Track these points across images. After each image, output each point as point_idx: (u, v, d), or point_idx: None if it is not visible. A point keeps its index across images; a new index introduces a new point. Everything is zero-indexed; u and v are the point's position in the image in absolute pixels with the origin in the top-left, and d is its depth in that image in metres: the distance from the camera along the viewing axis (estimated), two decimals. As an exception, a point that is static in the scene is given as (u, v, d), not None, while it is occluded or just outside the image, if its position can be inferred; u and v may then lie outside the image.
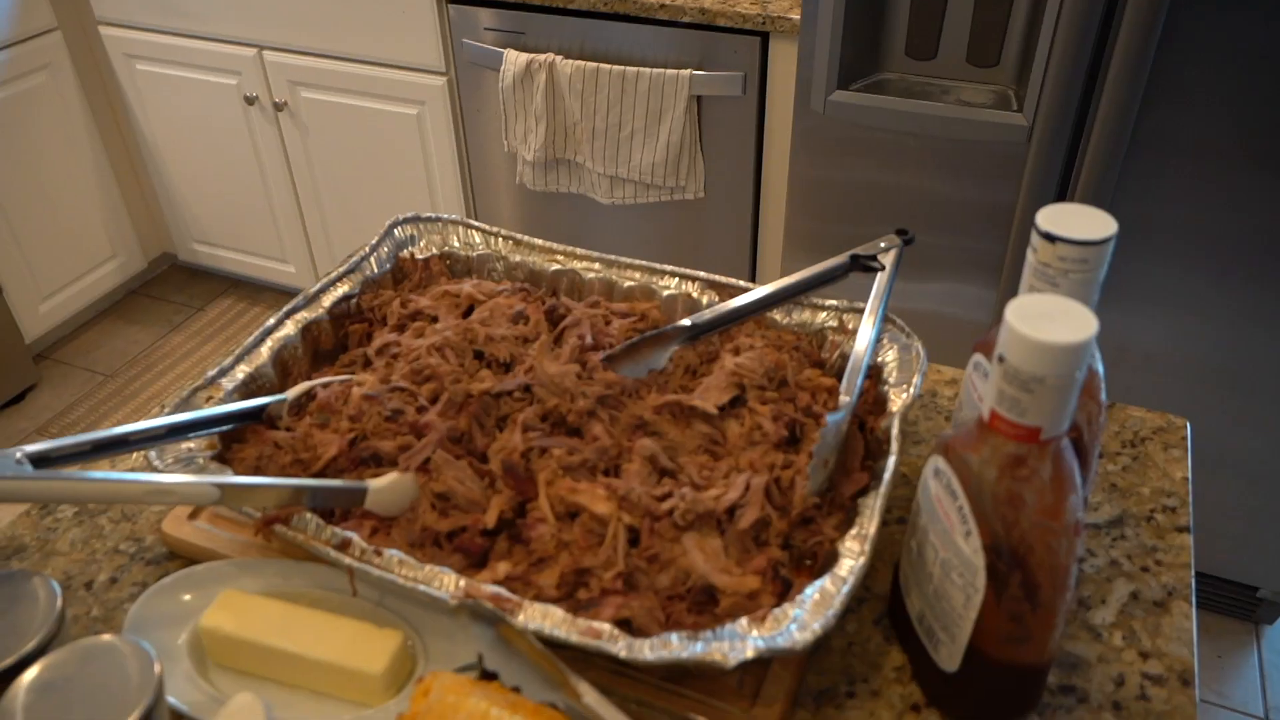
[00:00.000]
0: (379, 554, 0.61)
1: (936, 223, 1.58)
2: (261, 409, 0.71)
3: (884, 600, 0.68)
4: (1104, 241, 0.55)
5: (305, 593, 0.65)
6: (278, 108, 2.23)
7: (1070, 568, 0.54)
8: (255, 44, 2.18)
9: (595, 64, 1.82)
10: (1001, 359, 0.50)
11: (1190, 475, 0.77)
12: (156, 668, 0.47)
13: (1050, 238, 0.56)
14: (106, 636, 0.48)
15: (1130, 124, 1.38)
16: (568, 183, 2.00)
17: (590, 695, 0.49)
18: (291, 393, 0.72)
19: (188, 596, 0.64)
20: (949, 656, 0.59)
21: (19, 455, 0.56)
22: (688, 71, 1.79)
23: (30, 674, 0.46)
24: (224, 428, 0.69)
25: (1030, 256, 0.58)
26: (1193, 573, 0.70)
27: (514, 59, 1.86)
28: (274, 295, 2.73)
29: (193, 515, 0.72)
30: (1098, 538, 0.72)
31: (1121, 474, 0.78)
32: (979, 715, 0.61)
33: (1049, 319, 0.49)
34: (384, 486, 0.65)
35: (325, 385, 0.73)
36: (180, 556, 0.72)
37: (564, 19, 1.84)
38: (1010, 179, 1.49)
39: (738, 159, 1.88)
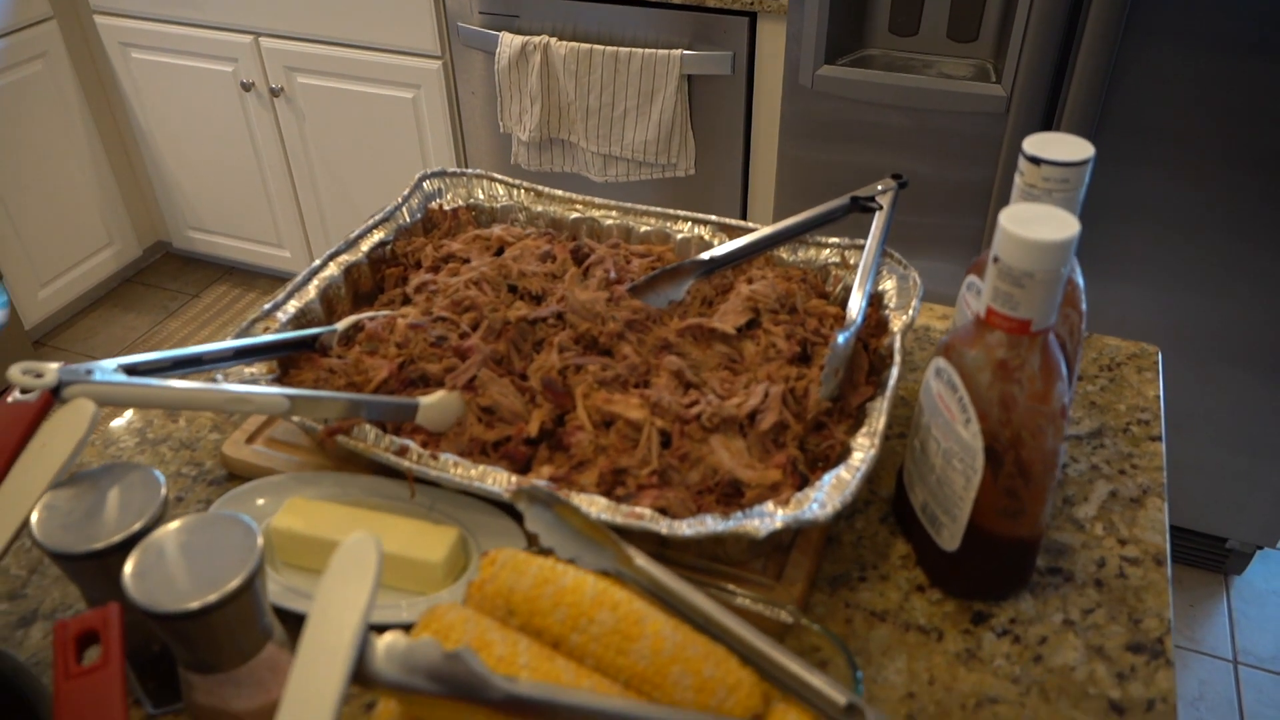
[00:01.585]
0: (435, 458, 0.67)
1: (918, 196, 1.66)
2: (315, 338, 0.77)
3: (888, 502, 0.75)
4: (1083, 163, 0.62)
5: (362, 501, 0.71)
6: (274, 94, 2.27)
7: (1057, 448, 0.61)
8: (251, 30, 2.22)
9: (589, 45, 1.88)
10: (996, 259, 0.57)
11: (1162, 394, 0.85)
12: (259, 537, 0.52)
13: (1036, 160, 0.63)
14: (213, 513, 0.54)
15: (1102, 95, 1.46)
16: (562, 162, 2.06)
17: (641, 559, 0.56)
18: (341, 324, 0.77)
19: (261, 501, 0.70)
20: (950, 537, 0.65)
21: (116, 365, 0.61)
22: (678, 51, 1.85)
23: (151, 538, 0.52)
24: (281, 354, 0.75)
25: (1018, 179, 0.65)
26: (1165, 475, 0.77)
27: (509, 41, 1.92)
28: (269, 281, 2.77)
29: (250, 439, 0.78)
30: (1080, 447, 0.80)
31: (1100, 393, 0.85)
32: (977, 591, 0.68)
33: (1037, 222, 0.56)
34: (433, 403, 0.71)
35: (371, 318, 0.79)
36: (239, 477, 0.77)
37: (557, 1, 1.90)
38: (989, 149, 1.57)
39: (727, 136, 1.95)
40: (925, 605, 0.67)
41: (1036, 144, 0.63)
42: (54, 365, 0.59)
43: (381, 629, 0.46)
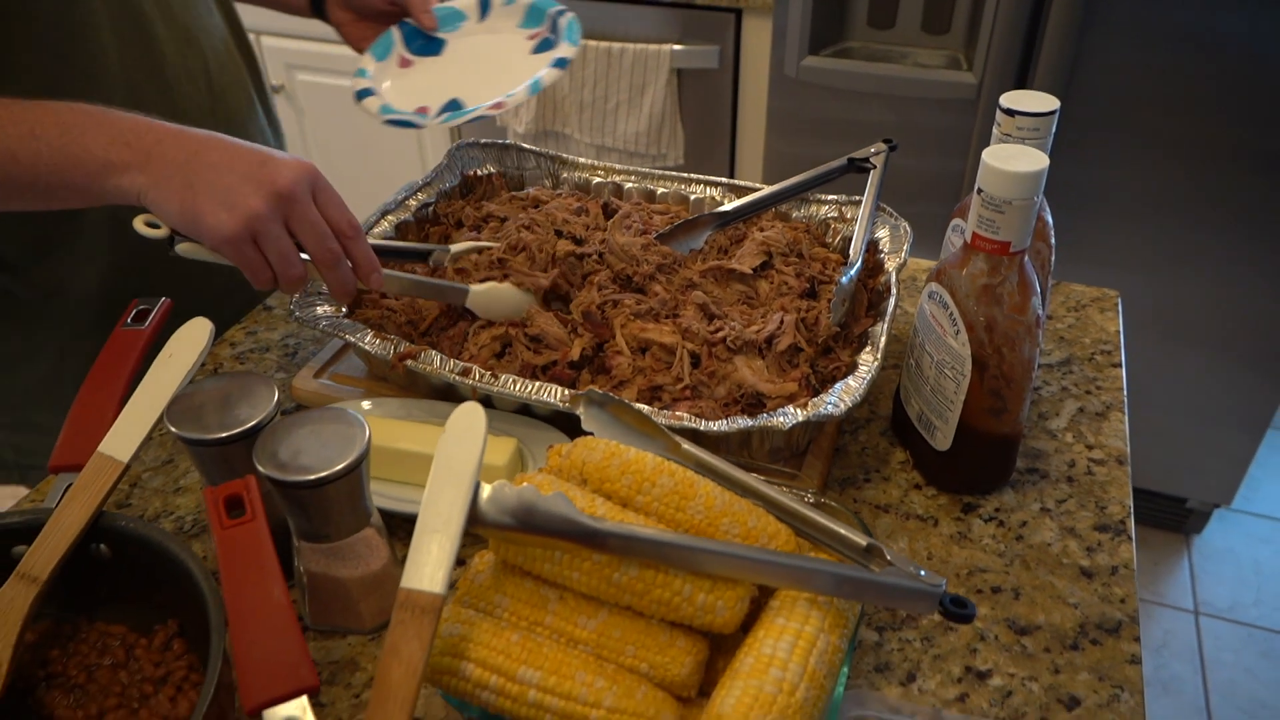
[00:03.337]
0: (496, 377, 0.76)
1: (895, 186, 1.77)
2: (429, 253, 0.85)
3: (887, 419, 0.86)
4: (1051, 113, 0.73)
5: (426, 421, 0.81)
6: (274, 91, 2.35)
7: (1034, 355, 0.72)
8: (252, 29, 2.30)
9: (583, 41, 1.98)
10: (980, 191, 0.68)
11: (1121, 330, 0.96)
12: (367, 427, 0.62)
13: (1010, 112, 0.74)
14: (327, 408, 0.63)
15: (1065, 82, 1.58)
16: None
17: (687, 444, 0.66)
18: (455, 247, 0.85)
19: (340, 417, 0.79)
20: (943, 438, 0.76)
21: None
22: (668, 46, 1.96)
23: (276, 425, 0.61)
24: (395, 258, 0.86)
25: (996, 130, 0.75)
26: (1125, 395, 0.88)
27: (508, 37, 2.02)
28: (265, 275, 2.84)
29: (317, 374, 0.87)
30: (1051, 373, 0.91)
31: (1068, 330, 0.96)
32: (967, 486, 0.78)
33: (1014, 158, 0.67)
34: (482, 290, 0.81)
35: (480, 249, 0.87)
36: (307, 406, 0.86)
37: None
38: (960, 141, 1.68)
39: (715, 127, 2.06)
40: (922, 499, 0.78)
41: (1011, 99, 0.74)
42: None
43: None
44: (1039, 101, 0.74)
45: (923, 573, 0.55)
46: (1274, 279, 1.67)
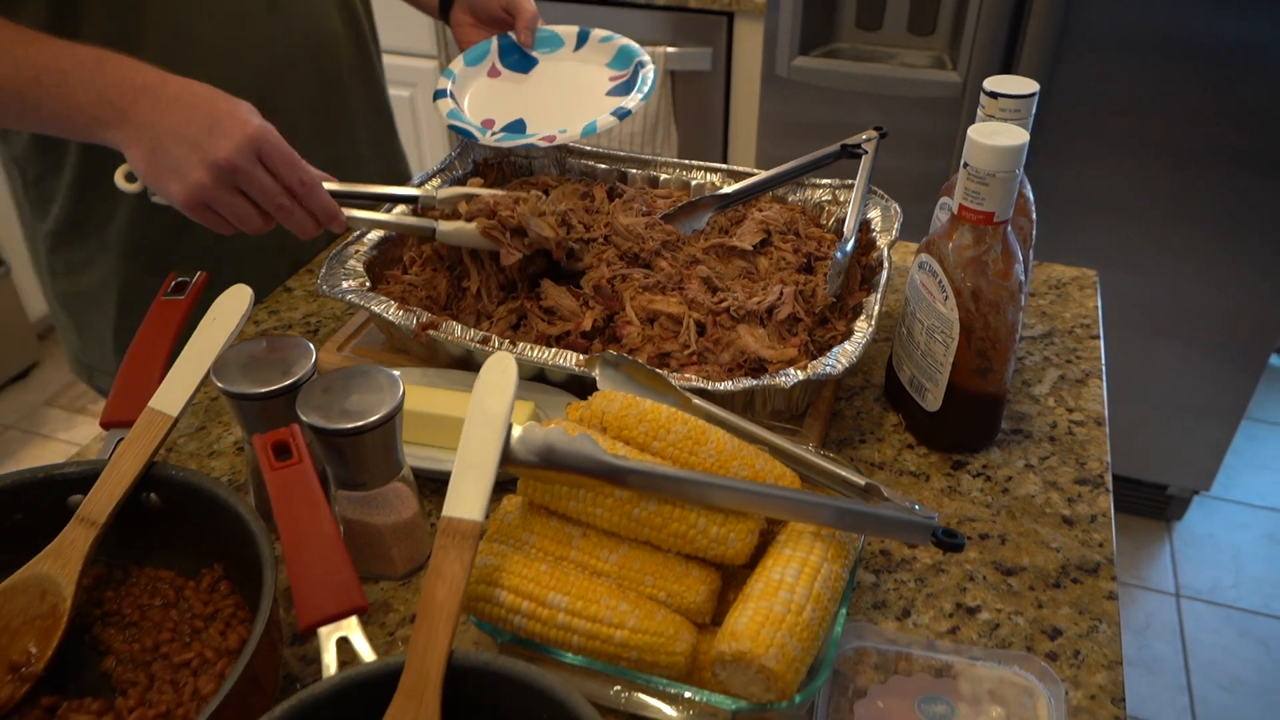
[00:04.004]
0: (514, 345, 0.81)
1: (882, 186, 1.83)
2: (416, 199, 0.92)
3: (880, 388, 0.91)
4: (1030, 95, 0.79)
5: (446, 389, 0.85)
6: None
7: (1017, 319, 0.77)
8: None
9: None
10: (966, 165, 0.73)
11: (1100, 306, 1.02)
12: (400, 382, 0.66)
13: (994, 95, 0.79)
14: (364, 365, 0.67)
15: (1045, 80, 1.65)
16: (553, 153, 2.21)
17: (696, 400, 0.71)
18: (442, 192, 0.90)
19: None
20: (934, 399, 0.81)
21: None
22: (662, 49, 2.02)
23: (316, 380, 0.66)
24: (382, 201, 0.93)
25: (980, 112, 0.81)
26: (1104, 364, 0.94)
27: (505, 40, 2.07)
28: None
29: (341, 348, 0.92)
30: (1034, 344, 0.96)
31: (1049, 305, 1.02)
32: (956, 445, 0.83)
33: (997, 135, 0.72)
34: (451, 229, 0.87)
35: (471, 195, 0.91)
36: (332, 380, 0.91)
37: (550, 4, 2.05)
38: (944, 142, 1.75)
39: (708, 127, 2.12)
40: (914, 458, 0.83)
41: (994, 83, 0.80)
42: None
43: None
44: (1020, 85, 0.80)
45: (917, 508, 0.60)
46: (1244, 276, 1.74)
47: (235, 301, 0.73)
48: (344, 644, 0.55)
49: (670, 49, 2.02)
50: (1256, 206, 1.67)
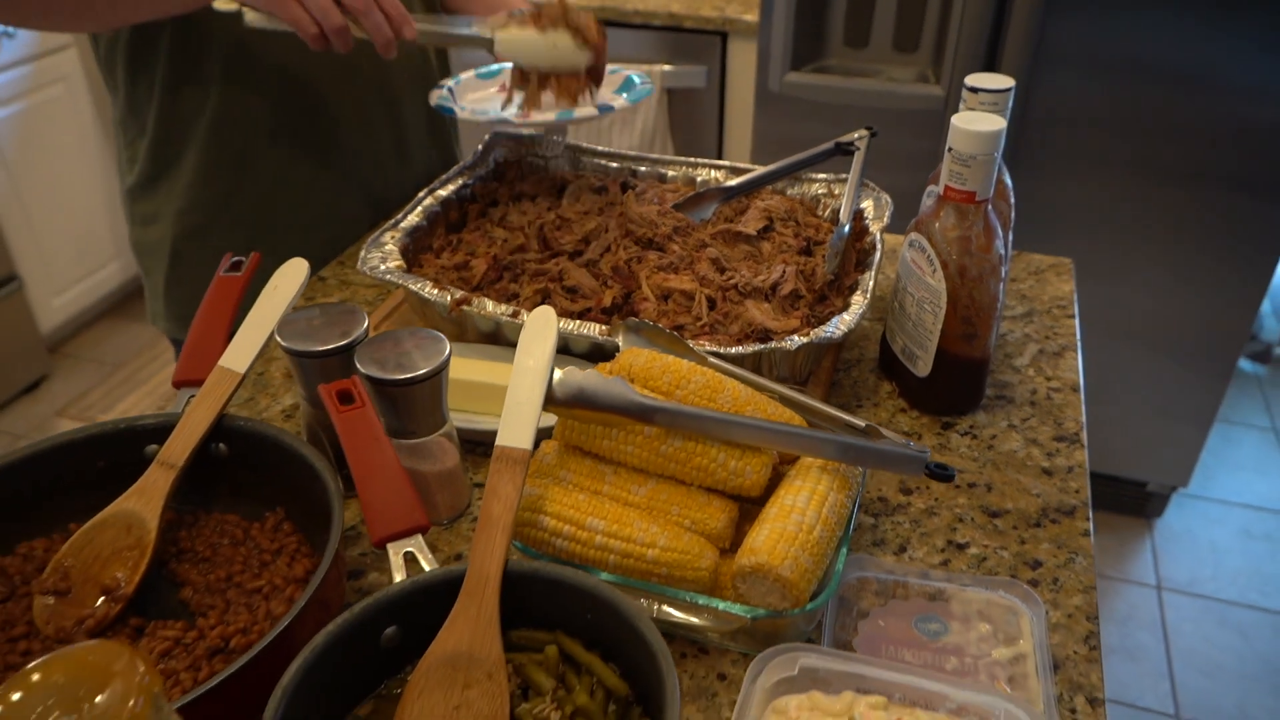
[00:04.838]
0: (541, 317, 0.89)
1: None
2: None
3: (874, 361, 0.99)
4: (1007, 90, 0.88)
5: (477, 359, 0.93)
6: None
7: (998, 291, 0.85)
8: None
9: (581, 62, 2.13)
10: (950, 149, 0.82)
11: (1075, 290, 1.10)
12: (447, 342, 0.74)
13: (974, 89, 0.88)
14: (412, 328, 0.75)
15: (1022, 97, 1.74)
16: (554, 168, 2.30)
17: (712, 359, 0.78)
18: (491, 20, 1.01)
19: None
20: (924, 365, 0.89)
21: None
22: (659, 67, 2.12)
23: (372, 339, 0.73)
24: None
25: (962, 106, 0.90)
26: (1079, 339, 1.02)
27: (509, 59, 2.17)
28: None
29: (378, 327, 0.99)
30: (1015, 322, 1.04)
31: (1028, 289, 1.10)
32: (945, 408, 0.91)
33: (977, 122, 0.81)
34: (508, 38, 0.97)
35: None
36: (369, 356, 0.98)
37: (552, 25, 2.15)
38: (927, 159, 1.84)
39: (703, 142, 2.21)
40: (907, 420, 0.91)
41: (975, 79, 0.89)
42: None
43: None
44: (998, 81, 0.89)
45: (911, 444, 0.68)
46: (1214, 286, 1.84)
47: (294, 272, 0.80)
48: (409, 560, 0.62)
49: (667, 67, 2.12)
50: (1224, 220, 1.77)
